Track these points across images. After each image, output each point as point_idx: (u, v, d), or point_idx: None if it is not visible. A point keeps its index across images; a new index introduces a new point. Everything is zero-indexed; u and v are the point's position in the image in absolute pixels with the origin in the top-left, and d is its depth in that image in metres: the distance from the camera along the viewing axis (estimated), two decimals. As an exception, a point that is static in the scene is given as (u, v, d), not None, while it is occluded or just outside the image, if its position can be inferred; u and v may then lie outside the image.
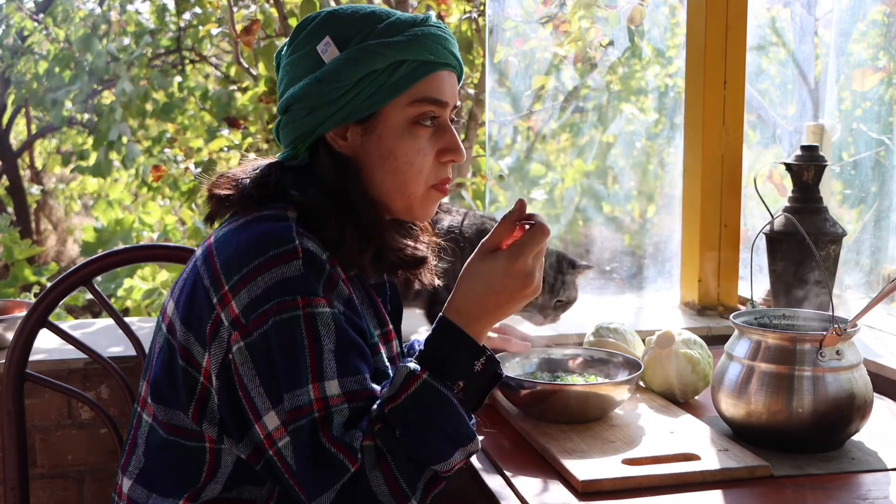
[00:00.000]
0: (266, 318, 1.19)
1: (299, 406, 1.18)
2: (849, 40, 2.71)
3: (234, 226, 1.29)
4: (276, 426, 1.19)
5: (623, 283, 3.07)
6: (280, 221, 1.26)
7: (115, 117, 5.51)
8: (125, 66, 5.52)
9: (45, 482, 2.09)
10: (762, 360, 1.45)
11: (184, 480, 1.29)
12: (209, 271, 1.25)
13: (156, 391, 1.31)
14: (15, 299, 2.68)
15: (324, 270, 1.23)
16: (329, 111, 1.29)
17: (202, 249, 1.30)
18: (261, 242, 1.23)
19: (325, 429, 1.17)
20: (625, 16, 3.00)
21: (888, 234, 2.54)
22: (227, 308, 1.21)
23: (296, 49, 1.33)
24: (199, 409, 1.27)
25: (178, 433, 1.29)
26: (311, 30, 1.32)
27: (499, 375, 1.27)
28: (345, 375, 1.20)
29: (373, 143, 1.32)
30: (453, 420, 1.21)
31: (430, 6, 3.40)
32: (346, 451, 1.17)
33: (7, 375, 1.68)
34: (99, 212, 6.14)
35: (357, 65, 1.28)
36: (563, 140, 4.44)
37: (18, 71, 5.88)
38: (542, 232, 1.26)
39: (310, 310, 1.20)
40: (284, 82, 1.35)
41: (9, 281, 4.94)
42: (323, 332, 1.20)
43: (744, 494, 1.31)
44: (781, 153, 2.89)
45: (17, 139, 8.05)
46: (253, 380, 1.20)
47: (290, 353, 1.19)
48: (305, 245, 1.23)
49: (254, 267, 1.21)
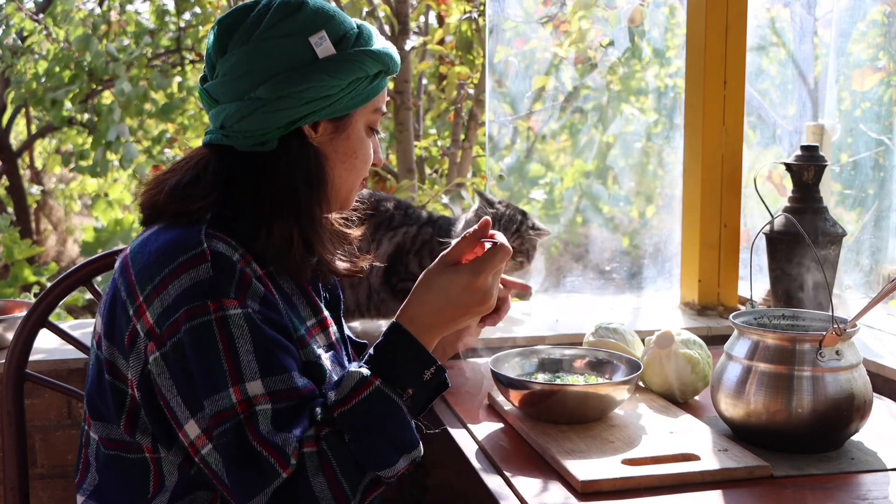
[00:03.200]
0: (178, 327, 1.19)
1: (221, 410, 1.18)
2: (849, 40, 2.71)
3: (147, 234, 1.29)
4: (198, 434, 1.19)
5: (623, 283, 3.07)
6: (192, 224, 1.25)
7: (115, 117, 5.50)
8: (125, 66, 5.52)
9: (45, 482, 2.09)
10: (762, 360, 1.45)
11: (133, 494, 1.29)
12: (125, 283, 1.26)
13: (91, 407, 1.32)
14: (15, 299, 2.68)
15: (234, 271, 1.22)
16: (322, 104, 1.29)
17: (119, 262, 1.31)
18: (170, 250, 1.23)
19: (251, 429, 1.17)
20: (625, 16, 3.00)
21: (888, 234, 2.54)
22: (142, 319, 1.22)
23: (273, 30, 1.28)
24: (129, 421, 1.27)
25: (117, 447, 1.30)
26: (298, 18, 1.28)
27: (445, 384, 1.29)
28: (268, 375, 1.20)
29: (341, 141, 1.35)
30: (401, 427, 1.22)
31: (430, 6, 3.40)
32: (275, 453, 1.17)
33: (7, 375, 1.68)
34: (99, 212, 6.13)
35: (357, 67, 1.30)
36: (563, 140, 4.44)
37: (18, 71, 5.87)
38: (504, 251, 1.29)
39: (221, 313, 1.19)
40: (258, 62, 1.28)
41: (9, 281, 4.94)
42: (236, 333, 1.19)
43: (743, 494, 1.31)
44: (781, 153, 2.89)
45: (17, 139, 8.05)
46: (171, 389, 1.21)
47: (205, 359, 1.18)
48: (214, 247, 1.22)
49: (164, 276, 1.21)
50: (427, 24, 4.02)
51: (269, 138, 1.30)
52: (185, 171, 1.32)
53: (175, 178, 1.31)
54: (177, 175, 1.31)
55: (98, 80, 5.81)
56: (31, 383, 1.72)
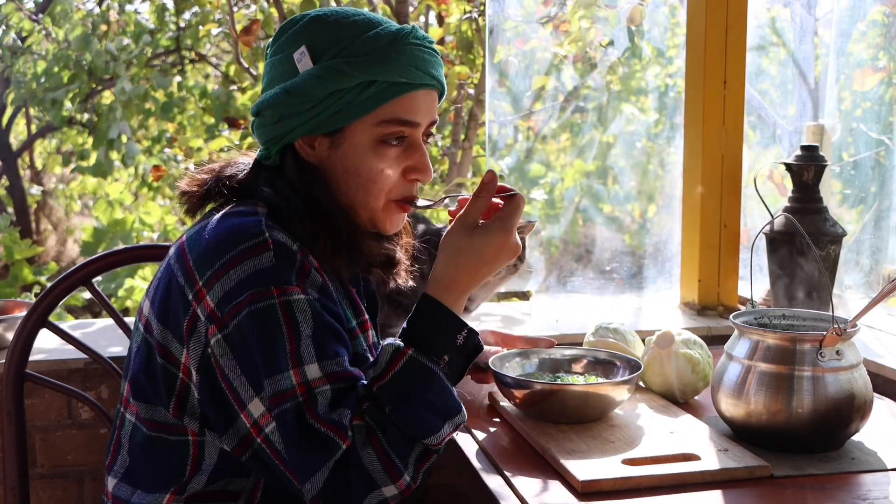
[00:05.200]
0: (241, 309, 1.20)
1: (282, 391, 1.19)
2: (849, 40, 2.71)
3: (204, 223, 1.31)
4: (262, 413, 1.20)
5: (623, 283, 3.07)
6: (249, 216, 1.27)
7: (115, 116, 5.51)
8: (125, 65, 5.52)
9: (45, 482, 2.09)
10: (762, 360, 1.45)
11: (169, 475, 1.30)
12: (183, 268, 1.27)
13: (136, 389, 1.32)
14: (15, 299, 2.68)
15: (295, 260, 1.24)
16: (296, 122, 1.31)
17: (175, 248, 1.32)
18: (231, 237, 1.24)
19: (310, 410, 1.19)
20: (625, 16, 3.00)
21: (888, 234, 2.54)
22: (202, 303, 1.23)
23: (277, 51, 1.35)
24: (178, 404, 1.28)
25: (160, 428, 1.30)
26: (291, 34, 1.33)
27: (479, 347, 1.30)
28: (324, 359, 1.22)
29: (338, 157, 1.33)
30: (441, 394, 1.24)
31: (430, 6, 3.40)
32: (335, 429, 1.18)
33: (7, 375, 1.68)
34: (99, 212, 6.13)
35: (324, 82, 1.28)
36: (563, 140, 4.44)
37: (18, 71, 5.87)
38: (523, 200, 1.31)
39: (285, 298, 1.21)
40: (264, 82, 1.38)
41: (9, 281, 4.95)
42: (300, 318, 1.21)
43: (744, 494, 1.31)
44: (781, 153, 2.89)
45: (17, 139, 8.05)
46: (234, 370, 1.22)
47: (267, 341, 1.20)
48: (276, 237, 1.24)
49: (226, 261, 1.22)
50: (427, 24, 4.02)
51: (271, 153, 1.35)
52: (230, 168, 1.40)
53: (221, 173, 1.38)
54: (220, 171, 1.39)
55: (98, 79, 5.81)
56: (31, 383, 1.72)
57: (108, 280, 4.75)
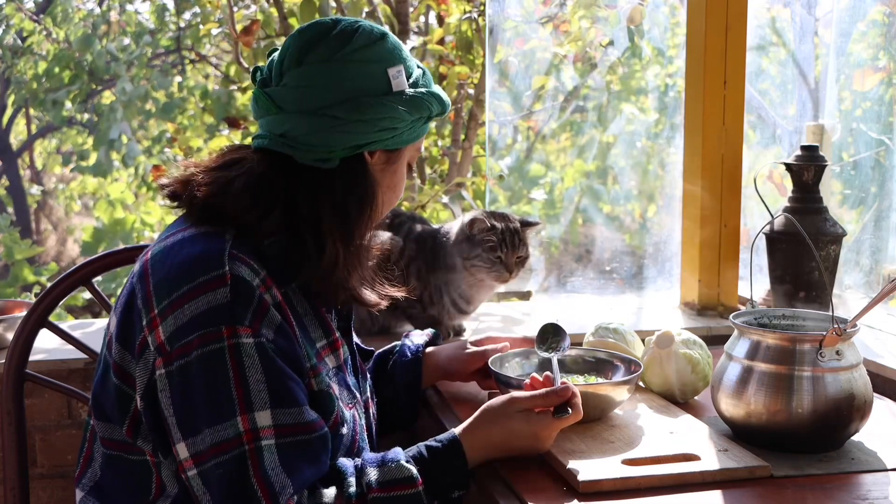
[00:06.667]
0: (189, 350, 1.20)
1: (225, 440, 1.18)
2: (849, 40, 2.72)
3: (172, 241, 1.29)
4: (187, 457, 1.20)
5: (623, 283, 3.07)
6: (215, 241, 1.25)
7: (116, 116, 5.51)
8: (125, 65, 5.52)
9: (45, 482, 2.09)
10: (762, 360, 1.45)
11: (136, 494, 1.30)
12: (143, 291, 1.26)
13: (96, 406, 1.32)
14: (15, 299, 2.68)
15: (252, 297, 1.22)
16: (390, 134, 1.34)
17: (140, 263, 1.31)
18: (191, 267, 1.23)
19: (255, 464, 1.18)
20: (625, 16, 3.00)
21: (888, 234, 2.54)
22: (154, 333, 1.22)
23: (357, 54, 1.31)
24: (132, 426, 1.28)
25: (119, 448, 1.31)
26: (381, 48, 1.33)
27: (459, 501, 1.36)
28: (278, 406, 1.21)
29: (389, 172, 1.40)
30: None
31: (431, 6, 3.40)
32: (267, 496, 1.18)
33: (7, 375, 1.68)
34: (99, 211, 6.14)
35: (426, 106, 1.36)
36: (563, 140, 4.45)
37: (18, 71, 5.88)
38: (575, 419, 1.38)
39: (234, 340, 1.20)
40: (339, 81, 1.30)
41: (9, 281, 4.95)
42: (247, 363, 1.20)
43: (744, 495, 1.31)
44: (781, 153, 2.89)
45: (17, 139, 8.05)
46: (168, 408, 1.22)
47: (214, 387, 1.19)
48: (236, 271, 1.22)
49: (183, 293, 1.21)
50: (427, 24, 4.02)
51: (334, 156, 1.32)
52: (241, 175, 1.31)
53: (240, 181, 1.30)
54: (241, 178, 1.30)
55: (98, 79, 5.82)
56: (31, 383, 1.72)
57: (108, 280, 4.75)
